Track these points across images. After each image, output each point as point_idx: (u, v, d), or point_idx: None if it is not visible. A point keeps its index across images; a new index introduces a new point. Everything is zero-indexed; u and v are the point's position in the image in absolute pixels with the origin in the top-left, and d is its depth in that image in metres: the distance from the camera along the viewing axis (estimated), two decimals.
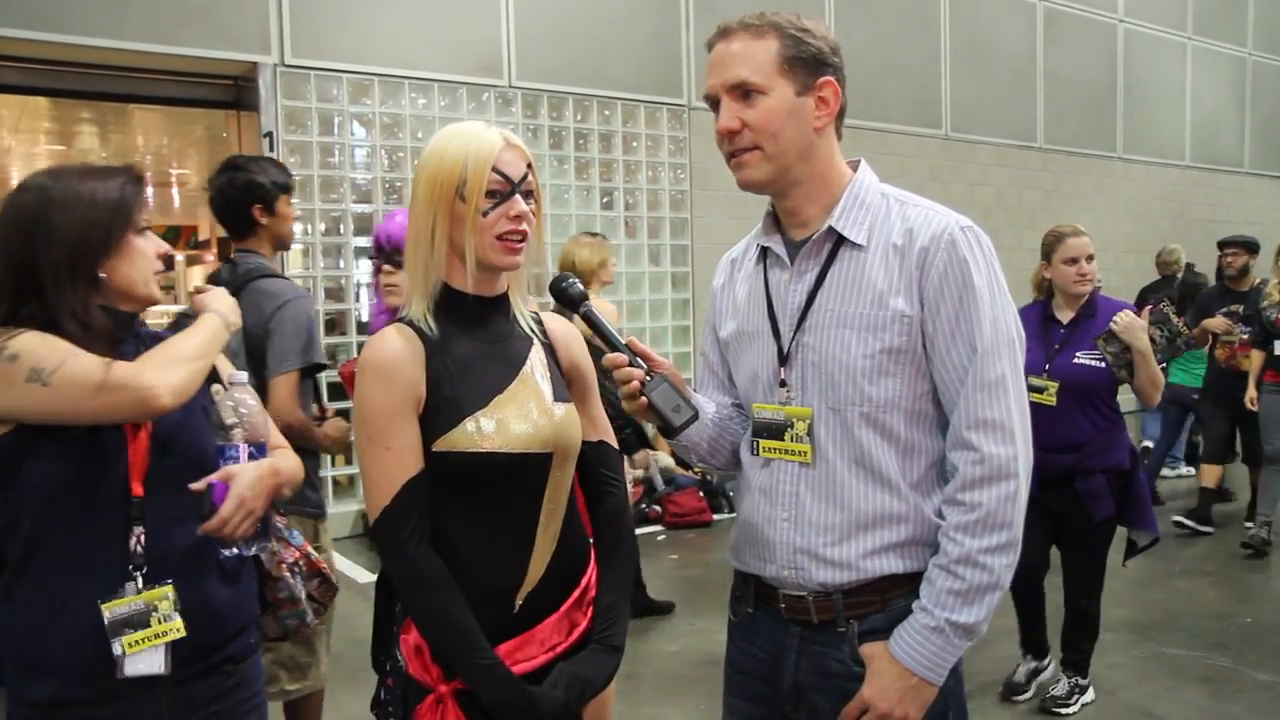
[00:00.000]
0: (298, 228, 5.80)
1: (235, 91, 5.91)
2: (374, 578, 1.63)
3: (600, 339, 1.49)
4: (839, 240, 1.42)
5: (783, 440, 1.44)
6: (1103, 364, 3.22)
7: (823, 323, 1.41)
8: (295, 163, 5.75)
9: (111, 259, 1.54)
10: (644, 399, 1.42)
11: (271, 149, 5.58)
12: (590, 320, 1.49)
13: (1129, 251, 9.83)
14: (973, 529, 1.34)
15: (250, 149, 5.81)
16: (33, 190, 1.53)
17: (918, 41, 8.68)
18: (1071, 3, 9.90)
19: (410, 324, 1.46)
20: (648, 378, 1.43)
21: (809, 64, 1.39)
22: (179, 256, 16.12)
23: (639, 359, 1.45)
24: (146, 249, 1.60)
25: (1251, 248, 5.90)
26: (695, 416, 1.45)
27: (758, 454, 1.48)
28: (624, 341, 1.47)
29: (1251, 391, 5.41)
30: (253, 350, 2.52)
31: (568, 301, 1.53)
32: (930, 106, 8.78)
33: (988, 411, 1.34)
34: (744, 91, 1.38)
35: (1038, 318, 3.45)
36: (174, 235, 16.45)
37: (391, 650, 1.53)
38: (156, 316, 4.81)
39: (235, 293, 2.18)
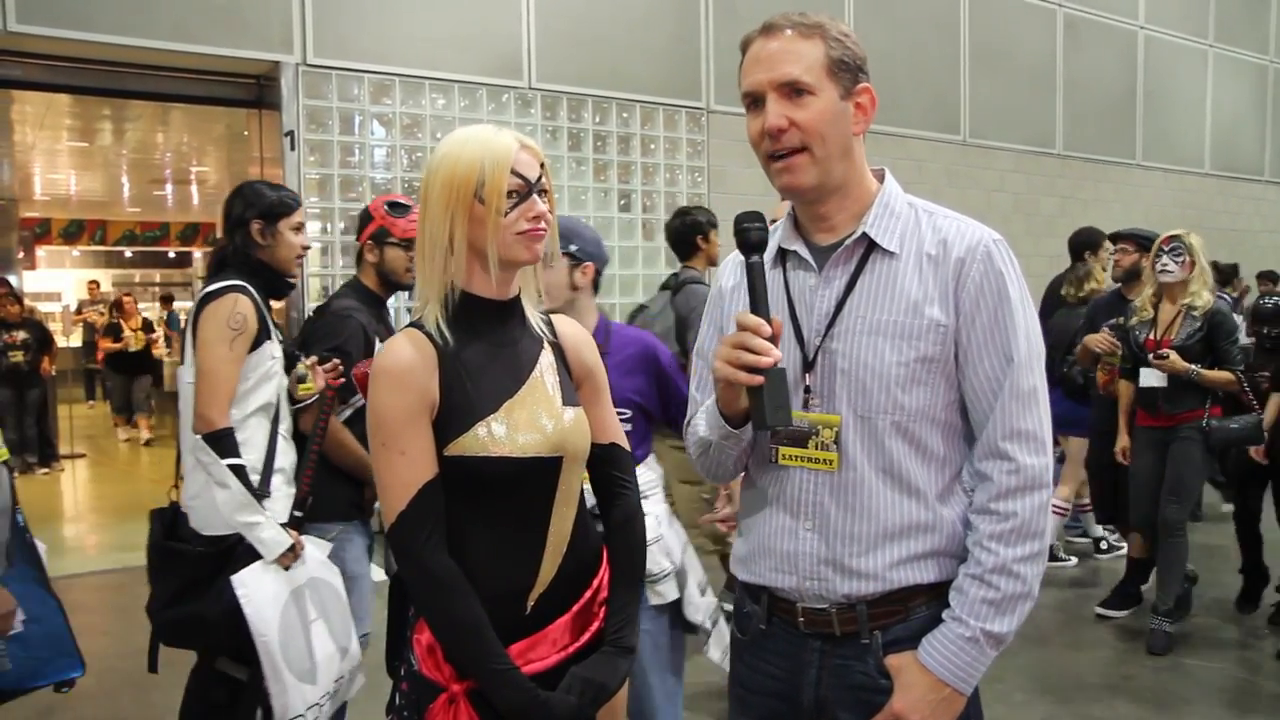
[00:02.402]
0: (315, 227, 5.85)
1: (257, 90, 5.94)
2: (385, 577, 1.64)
3: (751, 296, 1.37)
4: (870, 247, 1.41)
5: (805, 448, 1.40)
6: None
7: (854, 329, 1.39)
8: (315, 161, 5.79)
9: None
10: (761, 378, 1.30)
11: (292, 148, 5.61)
12: (753, 273, 1.37)
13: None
14: (1008, 538, 1.33)
15: (271, 148, 5.85)
16: None
17: (937, 46, 8.65)
18: (1092, 8, 9.84)
19: (421, 329, 1.47)
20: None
21: (851, 69, 1.38)
22: (196, 254, 16.25)
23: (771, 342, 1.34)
24: None
25: (1146, 244, 4.59)
26: (789, 425, 1.37)
27: (776, 461, 1.44)
28: (772, 318, 1.35)
29: (1123, 439, 4.29)
30: (680, 334, 3.83)
31: (745, 244, 1.39)
32: (949, 111, 8.75)
33: (1023, 422, 1.34)
34: (794, 90, 1.35)
35: None
36: (192, 232, 16.60)
37: (405, 653, 1.54)
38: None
39: (675, 291, 4.02)
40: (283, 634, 2.26)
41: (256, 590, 2.24)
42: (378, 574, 3.02)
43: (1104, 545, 5.53)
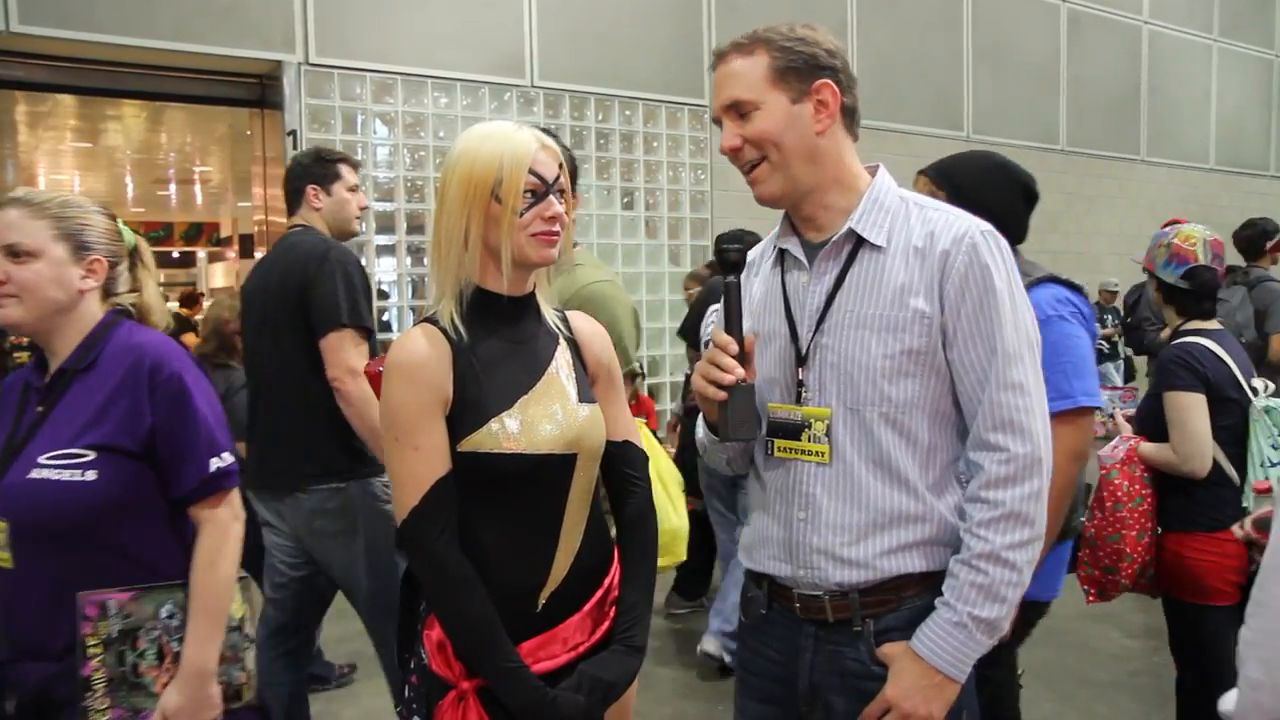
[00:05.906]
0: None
1: (260, 90, 5.94)
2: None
3: (725, 315, 1.42)
4: (858, 242, 1.43)
5: (799, 440, 1.44)
6: None
7: (842, 323, 1.41)
8: None
9: None
10: (725, 394, 1.38)
11: (295, 147, 5.61)
12: (728, 292, 1.42)
13: None
14: (998, 525, 1.35)
15: (274, 147, 5.85)
16: None
17: (940, 43, 8.64)
18: (1095, 4, 9.82)
19: (436, 324, 1.47)
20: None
21: (801, 71, 1.40)
22: (200, 253, 16.25)
23: (740, 359, 1.41)
24: None
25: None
26: (755, 439, 1.46)
27: (773, 454, 1.48)
28: (745, 336, 1.42)
29: None
30: (1258, 324, 4.35)
31: (723, 264, 1.45)
32: (952, 108, 8.73)
33: (1012, 413, 1.36)
34: (740, 110, 1.41)
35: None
36: (196, 232, 16.60)
37: (416, 648, 1.54)
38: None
39: (1251, 287, 4.47)
40: None
41: None
42: None
43: None
